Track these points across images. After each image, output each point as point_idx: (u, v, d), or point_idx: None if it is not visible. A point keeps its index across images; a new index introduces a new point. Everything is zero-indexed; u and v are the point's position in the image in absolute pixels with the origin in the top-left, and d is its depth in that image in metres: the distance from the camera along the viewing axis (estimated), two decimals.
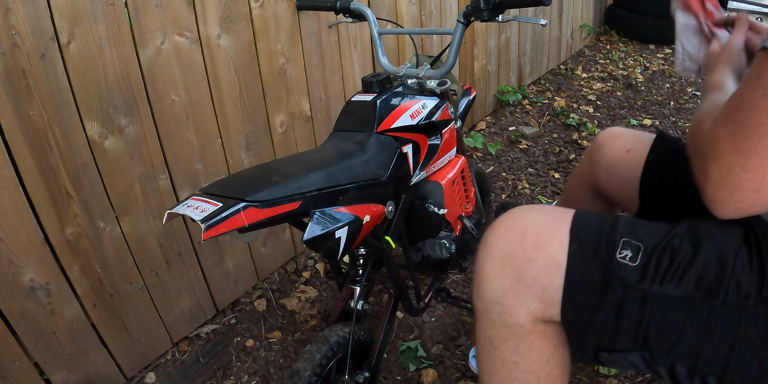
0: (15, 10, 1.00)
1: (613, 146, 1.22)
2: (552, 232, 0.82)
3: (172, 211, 0.73)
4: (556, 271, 0.79)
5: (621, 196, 1.23)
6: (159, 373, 1.49)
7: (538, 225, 0.83)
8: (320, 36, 1.71)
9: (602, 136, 1.28)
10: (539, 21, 1.06)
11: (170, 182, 1.40)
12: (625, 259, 0.76)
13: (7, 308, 1.13)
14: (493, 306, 0.84)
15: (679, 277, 0.73)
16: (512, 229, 0.84)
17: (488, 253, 0.85)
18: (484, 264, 0.86)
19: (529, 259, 0.81)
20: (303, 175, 0.84)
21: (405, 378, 1.46)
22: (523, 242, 0.82)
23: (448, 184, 1.23)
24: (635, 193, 1.16)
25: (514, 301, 0.82)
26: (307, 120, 1.76)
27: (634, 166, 1.16)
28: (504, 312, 0.83)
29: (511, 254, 0.83)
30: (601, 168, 1.24)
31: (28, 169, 1.10)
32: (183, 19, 1.30)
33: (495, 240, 0.85)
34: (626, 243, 0.78)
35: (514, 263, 0.82)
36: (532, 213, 0.86)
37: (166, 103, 1.32)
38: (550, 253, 0.80)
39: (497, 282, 0.83)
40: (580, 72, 3.71)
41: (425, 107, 1.12)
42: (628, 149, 1.19)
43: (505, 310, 0.83)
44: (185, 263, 1.50)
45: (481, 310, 0.87)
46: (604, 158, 1.23)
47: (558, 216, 0.84)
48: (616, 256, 0.77)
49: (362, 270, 1.14)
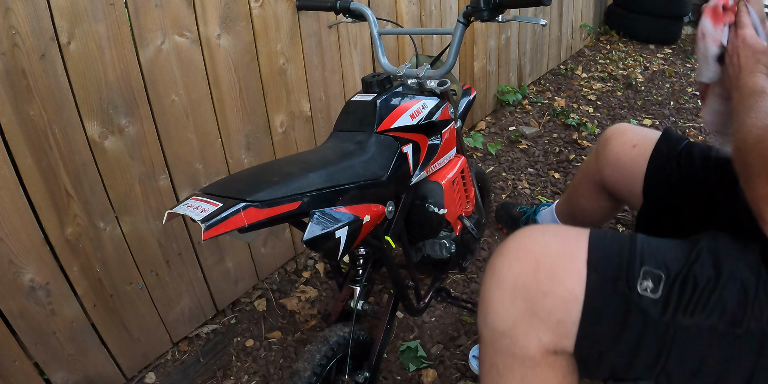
0: (15, 10, 1.00)
1: (619, 141, 1.23)
2: (568, 262, 0.77)
3: (172, 211, 0.73)
4: (573, 305, 0.75)
5: (625, 192, 1.23)
6: (159, 373, 1.49)
7: (553, 254, 0.78)
8: (320, 36, 1.71)
9: (610, 131, 1.29)
10: (539, 21, 1.06)
11: (170, 182, 1.40)
12: (647, 291, 0.73)
13: (7, 308, 1.13)
14: (501, 337, 0.81)
15: (702, 307, 0.71)
16: (524, 258, 0.79)
17: (497, 283, 0.80)
18: (493, 293, 0.81)
19: (544, 293, 0.76)
20: (303, 175, 0.84)
21: (405, 378, 1.46)
22: (537, 274, 0.77)
23: (448, 184, 1.23)
24: (639, 188, 1.16)
25: (524, 334, 0.78)
26: (307, 120, 1.76)
27: (639, 162, 1.17)
28: (513, 344, 0.80)
29: (524, 286, 0.78)
30: (607, 163, 1.25)
31: (28, 169, 1.10)
32: (183, 19, 1.30)
33: (505, 270, 0.80)
34: (647, 273, 0.74)
35: (527, 296, 0.77)
36: (545, 238, 0.80)
37: (166, 103, 1.32)
38: (567, 287, 0.75)
39: (507, 314, 0.79)
40: (580, 72, 3.71)
41: (425, 107, 1.12)
42: (635, 144, 1.19)
43: (515, 342, 0.79)
44: (185, 263, 1.50)
45: (488, 338, 0.83)
46: (611, 153, 1.24)
47: (573, 241, 0.79)
48: (637, 288, 0.73)
49: (362, 270, 1.14)
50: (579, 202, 1.49)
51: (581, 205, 1.49)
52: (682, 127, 2.92)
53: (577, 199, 1.50)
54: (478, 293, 1.74)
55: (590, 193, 1.41)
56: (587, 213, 1.50)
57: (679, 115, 3.07)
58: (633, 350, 0.74)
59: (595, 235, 0.80)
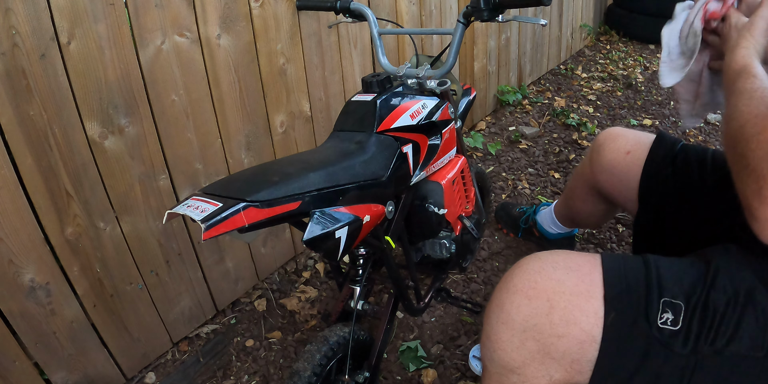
0: (15, 10, 1.00)
1: (612, 148, 1.21)
2: (584, 302, 0.73)
3: (172, 211, 0.73)
4: (589, 346, 0.72)
5: (621, 197, 1.22)
6: (159, 373, 1.49)
7: (568, 293, 0.74)
8: (320, 36, 1.71)
9: (602, 137, 1.27)
10: (539, 21, 1.06)
11: (170, 182, 1.39)
12: (667, 324, 0.70)
13: (7, 308, 1.13)
14: (509, 374, 0.78)
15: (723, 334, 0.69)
16: (535, 298, 0.75)
17: (505, 322, 0.77)
18: (500, 332, 0.77)
19: (559, 335, 0.73)
20: (303, 175, 0.83)
21: (405, 378, 1.46)
22: (550, 316, 0.74)
23: (448, 184, 1.23)
24: (635, 194, 1.15)
25: (535, 373, 0.76)
26: (307, 120, 1.76)
27: (634, 169, 1.15)
28: (522, 382, 0.77)
29: (536, 328, 0.75)
30: (602, 170, 1.24)
31: (28, 169, 1.10)
32: (183, 19, 1.30)
33: (514, 310, 0.76)
34: (666, 304, 0.71)
35: (540, 338, 0.74)
36: (557, 274, 0.75)
37: (166, 103, 1.32)
38: (583, 328, 0.72)
39: (516, 353, 0.76)
40: (580, 72, 3.71)
41: (425, 107, 1.12)
42: (628, 151, 1.18)
43: (524, 380, 0.77)
44: (185, 263, 1.50)
45: (493, 373, 0.81)
46: (605, 160, 1.23)
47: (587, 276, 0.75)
48: (657, 322, 0.71)
49: (362, 270, 1.14)
50: (576, 205, 1.49)
51: (578, 208, 1.49)
52: (683, 127, 2.92)
53: (573, 202, 1.50)
54: (478, 293, 1.74)
55: (586, 197, 1.41)
56: (585, 215, 1.50)
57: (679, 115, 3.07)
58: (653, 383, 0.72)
59: (608, 265, 0.76)
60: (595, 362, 0.73)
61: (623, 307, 0.72)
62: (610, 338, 0.72)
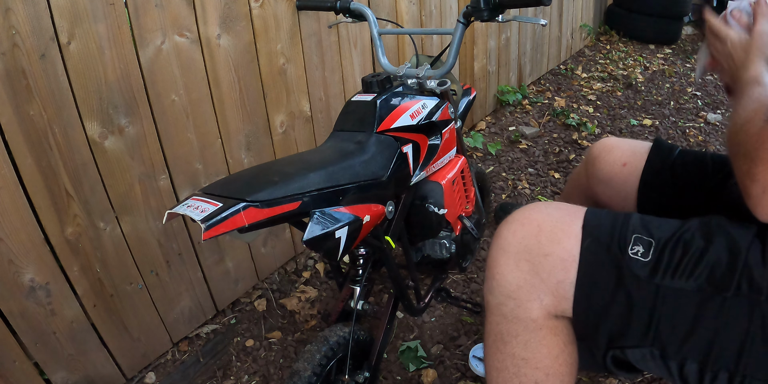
0: (15, 10, 1.00)
1: (608, 160, 1.20)
2: (567, 226, 0.83)
3: (172, 211, 0.73)
4: (570, 265, 0.80)
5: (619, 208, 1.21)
6: (159, 373, 1.49)
7: (554, 220, 0.84)
8: (320, 36, 1.71)
9: (596, 150, 1.25)
10: (539, 21, 1.06)
11: (170, 182, 1.40)
12: (637, 255, 0.78)
13: (7, 308, 1.13)
14: (507, 300, 0.85)
15: (691, 270, 0.74)
16: (527, 224, 0.85)
17: (503, 247, 0.86)
18: (499, 258, 0.86)
19: (545, 253, 0.82)
20: (303, 175, 0.84)
21: (405, 378, 1.46)
22: (539, 236, 0.83)
23: (448, 184, 1.23)
24: (633, 204, 1.15)
25: (527, 296, 0.83)
26: (307, 120, 1.76)
27: (631, 180, 1.15)
28: (517, 306, 0.84)
29: (527, 248, 0.83)
30: (599, 182, 1.23)
31: (28, 169, 1.10)
32: (183, 19, 1.30)
33: (510, 234, 0.86)
34: (638, 239, 0.79)
35: (530, 257, 0.83)
36: (548, 209, 0.87)
37: (166, 103, 1.32)
38: (565, 247, 0.81)
39: (511, 276, 0.84)
40: (580, 72, 3.71)
41: (425, 107, 1.12)
42: (624, 163, 1.17)
43: (519, 304, 0.84)
44: (185, 263, 1.50)
45: (493, 304, 0.88)
46: (601, 173, 1.21)
47: (572, 212, 0.86)
48: (629, 252, 0.78)
49: (362, 270, 1.14)
50: None
51: None
52: (683, 127, 2.92)
53: None
54: (478, 293, 1.74)
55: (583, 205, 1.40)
56: None
57: (679, 115, 3.07)
58: (626, 314, 0.78)
59: (592, 209, 0.86)
60: (575, 285, 0.80)
61: (598, 234, 0.81)
62: (587, 261, 0.80)
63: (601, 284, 0.79)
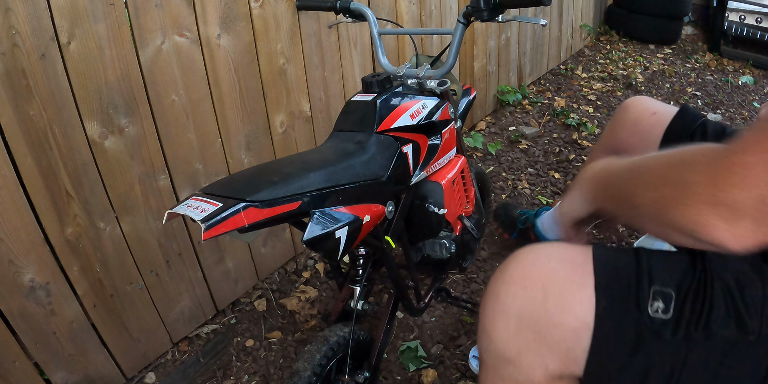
0: (15, 10, 1.00)
1: (639, 108, 1.26)
2: (577, 289, 0.74)
3: (172, 211, 0.73)
4: (583, 334, 0.73)
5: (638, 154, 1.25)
6: (159, 373, 1.49)
7: (561, 281, 0.75)
8: (320, 36, 1.71)
9: (630, 101, 1.31)
10: (539, 21, 1.06)
11: (170, 182, 1.39)
12: (658, 313, 0.71)
13: (7, 308, 1.13)
14: (505, 364, 0.79)
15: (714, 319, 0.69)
16: (530, 287, 0.76)
17: (501, 312, 0.77)
18: (497, 323, 0.78)
19: (554, 324, 0.74)
20: (303, 175, 0.83)
21: (405, 378, 1.46)
22: (545, 304, 0.74)
23: (448, 184, 1.23)
24: None
25: (530, 363, 0.76)
26: (307, 120, 1.76)
27: (657, 128, 1.19)
28: (518, 372, 0.78)
29: (532, 317, 0.75)
30: (625, 127, 1.28)
31: (28, 169, 1.10)
32: (183, 19, 1.30)
33: (510, 299, 0.77)
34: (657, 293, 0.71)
35: (537, 327, 0.75)
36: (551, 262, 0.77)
37: (166, 103, 1.32)
38: (578, 316, 0.73)
39: (512, 343, 0.77)
40: (580, 72, 3.71)
41: (425, 107, 1.12)
42: (654, 112, 1.22)
43: (520, 371, 0.77)
44: (185, 263, 1.50)
45: (490, 364, 0.82)
46: (629, 117, 1.27)
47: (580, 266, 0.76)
48: (648, 310, 0.71)
49: (362, 270, 1.14)
50: None
51: None
52: None
53: None
54: (478, 293, 1.74)
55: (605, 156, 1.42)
56: None
57: None
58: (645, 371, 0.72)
59: (599, 255, 0.77)
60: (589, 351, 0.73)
61: (614, 295, 0.73)
62: (603, 326, 0.72)
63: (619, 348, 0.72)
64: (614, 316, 0.72)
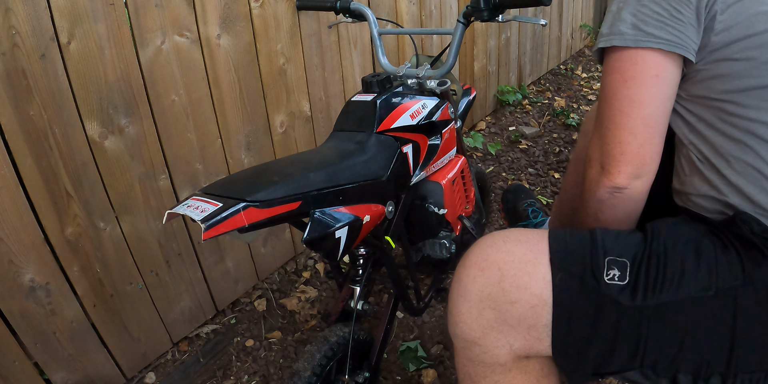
0: (15, 10, 1.00)
1: None
2: (532, 267, 0.77)
3: (172, 211, 0.73)
4: (542, 309, 0.75)
5: None
6: (159, 373, 1.49)
7: (517, 261, 0.78)
8: (320, 36, 1.71)
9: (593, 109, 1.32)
10: (539, 21, 1.06)
11: (170, 182, 1.39)
12: (614, 280, 0.73)
13: (7, 308, 1.13)
14: (472, 346, 0.81)
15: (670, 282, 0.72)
16: (487, 269, 0.79)
17: (463, 295, 0.81)
18: (460, 305, 0.81)
19: (511, 301, 0.76)
20: (303, 175, 0.83)
21: (405, 378, 1.46)
22: (502, 283, 0.77)
23: (448, 184, 1.23)
24: None
25: (494, 342, 0.79)
26: (307, 120, 1.76)
27: None
28: (483, 352, 0.80)
29: (490, 296, 0.78)
30: None
31: (28, 169, 1.10)
32: (183, 19, 1.30)
33: (470, 282, 0.80)
34: (612, 261, 0.75)
35: (495, 306, 0.78)
36: (507, 246, 0.80)
37: (166, 103, 1.32)
38: (534, 292, 0.76)
39: (475, 324, 0.79)
40: (580, 72, 3.71)
41: (425, 107, 1.12)
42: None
43: (485, 350, 0.80)
44: (185, 263, 1.50)
45: (459, 347, 0.84)
46: None
47: (535, 245, 0.79)
48: (604, 278, 0.74)
49: (362, 270, 1.14)
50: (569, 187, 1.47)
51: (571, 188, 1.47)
52: None
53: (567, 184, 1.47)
54: None
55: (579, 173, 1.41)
56: None
57: None
58: (611, 342, 0.74)
59: (554, 234, 0.80)
60: (552, 327, 0.76)
61: (569, 267, 0.76)
62: (560, 300, 0.75)
63: (580, 319, 0.75)
64: (571, 287, 0.75)
